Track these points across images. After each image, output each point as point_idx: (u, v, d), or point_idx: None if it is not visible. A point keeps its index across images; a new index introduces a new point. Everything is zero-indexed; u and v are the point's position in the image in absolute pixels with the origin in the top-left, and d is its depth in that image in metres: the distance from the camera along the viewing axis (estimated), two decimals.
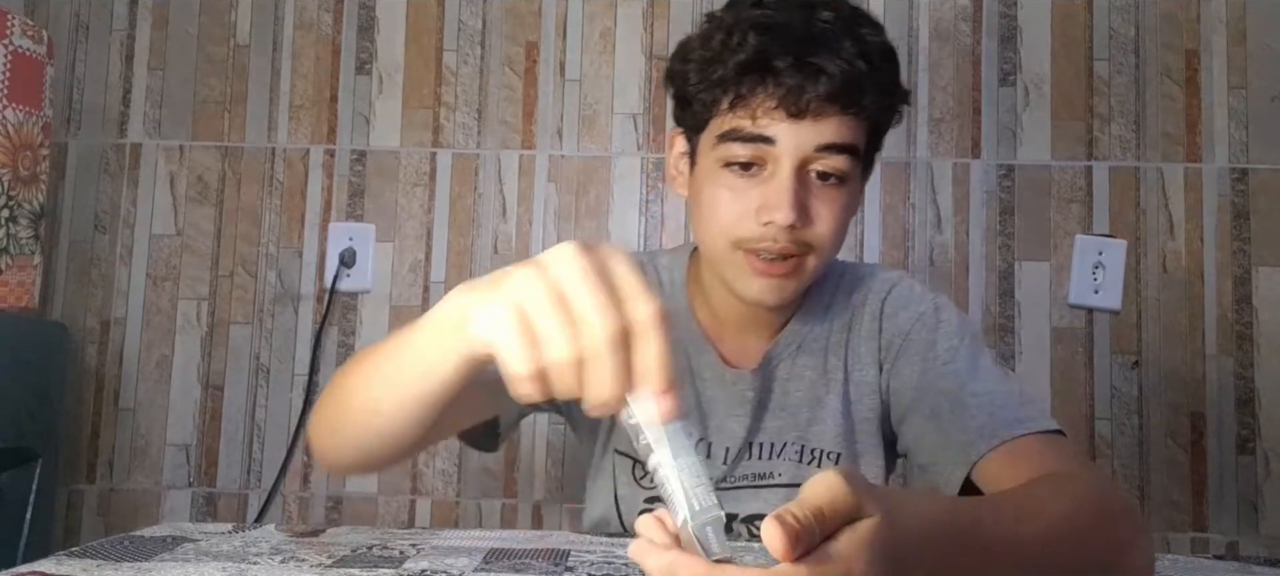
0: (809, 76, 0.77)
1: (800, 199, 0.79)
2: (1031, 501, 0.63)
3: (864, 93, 0.79)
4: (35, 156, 1.43)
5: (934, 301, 0.91)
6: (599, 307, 0.43)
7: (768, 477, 0.91)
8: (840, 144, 0.79)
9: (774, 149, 0.79)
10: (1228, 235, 1.62)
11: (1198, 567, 0.73)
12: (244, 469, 1.67)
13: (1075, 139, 1.66)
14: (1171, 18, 1.66)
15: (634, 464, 0.93)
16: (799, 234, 0.80)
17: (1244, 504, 1.59)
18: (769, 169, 0.80)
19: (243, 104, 1.72)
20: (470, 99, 1.71)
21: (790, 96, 0.77)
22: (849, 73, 0.77)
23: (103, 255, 1.70)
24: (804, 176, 0.80)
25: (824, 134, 0.79)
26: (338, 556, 0.65)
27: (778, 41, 0.78)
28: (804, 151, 0.79)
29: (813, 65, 0.77)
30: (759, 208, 0.80)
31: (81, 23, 1.74)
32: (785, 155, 0.79)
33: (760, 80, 0.78)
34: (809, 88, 0.77)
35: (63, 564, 0.60)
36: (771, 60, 0.77)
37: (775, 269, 0.81)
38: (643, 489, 0.93)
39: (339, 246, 1.68)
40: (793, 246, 0.80)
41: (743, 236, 0.81)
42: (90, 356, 1.69)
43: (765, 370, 0.92)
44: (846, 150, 0.80)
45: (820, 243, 0.82)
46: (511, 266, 0.48)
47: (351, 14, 1.73)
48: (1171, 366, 1.61)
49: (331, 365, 1.67)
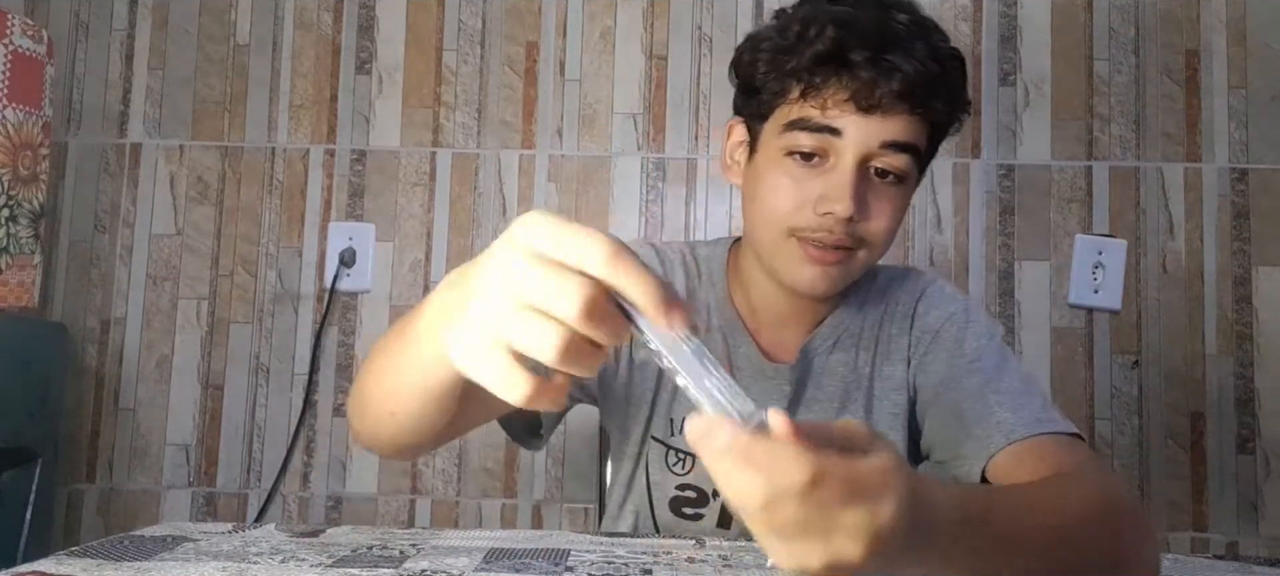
0: (883, 73, 0.78)
1: (860, 193, 0.81)
2: (1043, 496, 0.63)
3: (933, 94, 0.81)
4: (35, 156, 1.43)
5: (965, 304, 0.94)
6: (562, 288, 0.42)
7: None
8: (904, 143, 0.81)
9: (840, 141, 0.81)
10: (1228, 235, 1.62)
11: (1198, 567, 0.73)
12: (244, 468, 1.67)
13: (1075, 139, 1.66)
14: (1171, 18, 1.66)
15: (668, 450, 0.93)
16: (854, 228, 0.81)
17: (1244, 504, 1.59)
18: (831, 161, 0.82)
19: (243, 104, 1.72)
20: (470, 99, 1.70)
21: (863, 90, 0.79)
22: (922, 73, 0.79)
23: (103, 255, 1.70)
24: (865, 171, 0.82)
25: (890, 131, 0.80)
26: (338, 556, 0.65)
27: (855, 36, 0.79)
28: (869, 146, 0.81)
29: (888, 62, 0.78)
30: (819, 198, 0.81)
31: (81, 22, 1.74)
32: (850, 148, 0.80)
33: (835, 72, 0.80)
34: (882, 83, 0.79)
35: (63, 564, 0.60)
36: (848, 53, 0.79)
37: (828, 257, 0.83)
38: (674, 475, 0.94)
39: (339, 246, 1.68)
40: (847, 239, 0.82)
41: (799, 225, 0.82)
42: (90, 356, 1.69)
43: (802, 364, 0.93)
44: (909, 150, 0.82)
45: (874, 238, 0.83)
46: (476, 262, 0.46)
47: (351, 14, 1.73)
48: (1171, 366, 1.61)
49: (331, 365, 1.67)
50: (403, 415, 0.61)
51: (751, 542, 0.77)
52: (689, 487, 0.94)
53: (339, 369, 1.67)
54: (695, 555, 0.69)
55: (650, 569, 0.64)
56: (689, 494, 0.94)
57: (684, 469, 0.94)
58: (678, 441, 0.93)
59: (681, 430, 0.92)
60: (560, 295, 0.42)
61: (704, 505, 0.94)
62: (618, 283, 0.42)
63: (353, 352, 1.67)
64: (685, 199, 1.68)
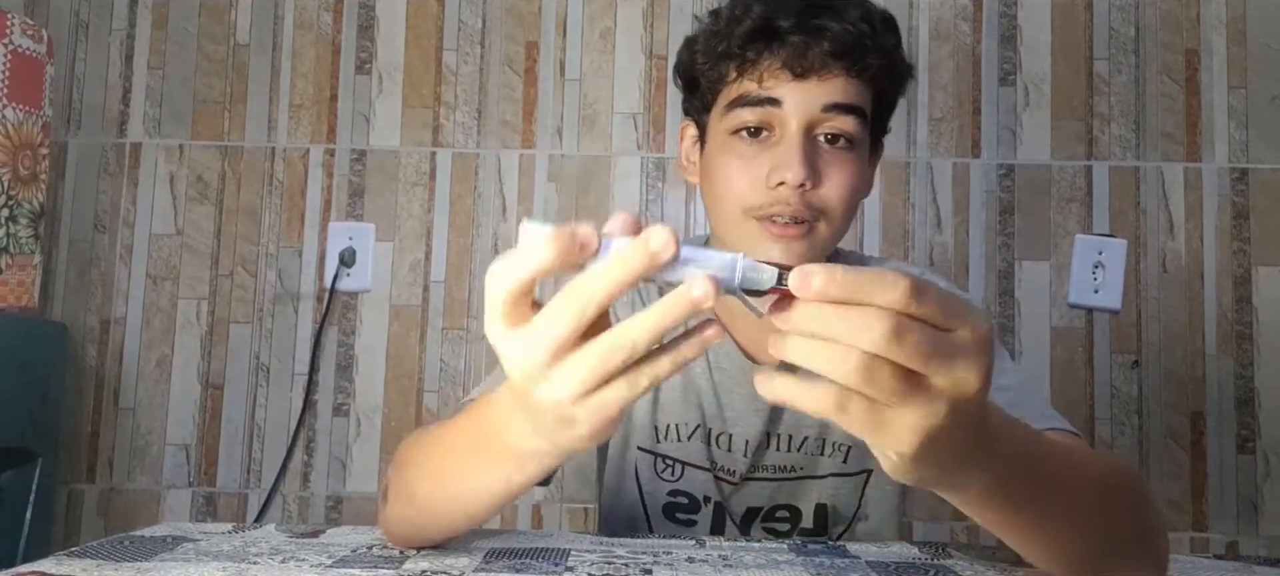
0: (812, 36, 0.79)
1: (810, 158, 0.80)
2: (1078, 452, 0.63)
3: (867, 53, 0.81)
4: (35, 156, 1.43)
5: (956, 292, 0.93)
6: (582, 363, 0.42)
7: (789, 471, 0.93)
8: (846, 104, 0.81)
9: (781, 111, 0.80)
10: (1228, 235, 1.62)
11: (1198, 567, 0.73)
12: (244, 468, 1.66)
13: (1075, 139, 1.66)
14: (1171, 18, 1.66)
15: (655, 459, 0.93)
16: (809, 197, 0.80)
17: (1244, 504, 1.59)
18: (777, 133, 0.81)
19: (243, 103, 1.72)
20: (470, 98, 1.70)
21: (795, 56, 0.79)
22: (851, 32, 0.79)
23: (103, 254, 1.70)
24: (813, 139, 0.81)
25: (829, 93, 0.80)
26: (338, 556, 0.65)
27: (781, 8, 0.80)
28: (811, 111, 0.80)
29: (816, 25, 0.79)
30: (770, 172, 0.80)
31: (81, 22, 1.74)
32: (792, 116, 0.80)
33: (766, 44, 0.80)
34: (813, 45, 0.79)
35: (63, 564, 0.60)
36: (775, 23, 0.79)
37: (789, 232, 0.81)
38: (664, 482, 0.94)
39: (339, 246, 1.68)
40: (804, 210, 0.81)
41: (754, 204, 0.81)
42: (90, 356, 1.69)
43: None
44: (853, 111, 0.81)
45: (831, 208, 0.82)
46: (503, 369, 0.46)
47: (351, 13, 1.73)
48: (1171, 366, 1.61)
49: (331, 365, 1.67)
50: (478, 517, 0.64)
51: (751, 543, 0.77)
52: (680, 494, 0.94)
53: (339, 369, 1.67)
54: (695, 555, 0.69)
55: (650, 569, 0.64)
56: (681, 500, 0.94)
57: (673, 476, 0.93)
58: (665, 448, 0.93)
59: (666, 436, 0.92)
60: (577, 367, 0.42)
61: (696, 512, 0.94)
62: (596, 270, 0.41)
63: (353, 352, 1.67)
64: (685, 199, 1.68)
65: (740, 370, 0.92)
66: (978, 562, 0.68)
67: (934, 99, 1.67)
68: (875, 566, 0.67)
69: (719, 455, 0.93)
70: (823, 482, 0.93)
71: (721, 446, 0.92)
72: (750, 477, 0.92)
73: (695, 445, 0.92)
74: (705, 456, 0.92)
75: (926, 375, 0.41)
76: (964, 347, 0.41)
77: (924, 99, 1.67)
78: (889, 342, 0.39)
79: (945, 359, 0.40)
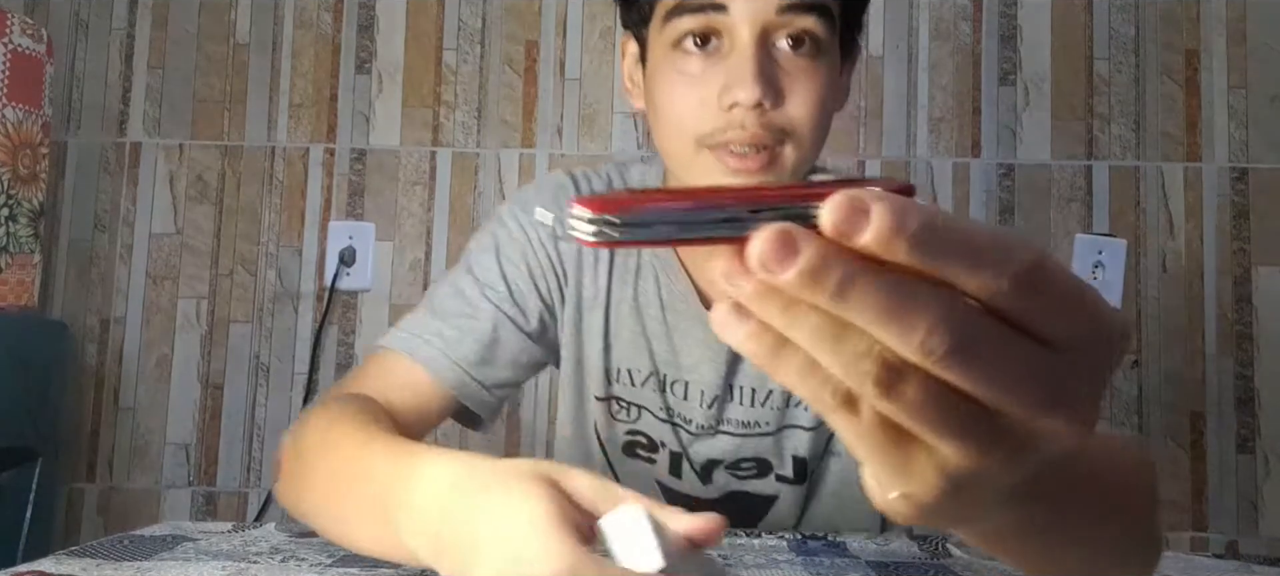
0: None
1: (766, 72, 0.67)
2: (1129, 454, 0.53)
3: None
4: (35, 155, 1.43)
5: None
6: None
7: (755, 426, 0.85)
8: (806, 1, 0.67)
9: (728, 18, 0.67)
10: (1228, 235, 1.62)
11: (1198, 567, 0.73)
12: (244, 468, 1.67)
13: (1075, 139, 1.66)
14: (1171, 17, 1.66)
15: (610, 402, 0.88)
16: (770, 117, 0.68)
17: (1244, 504, 1.59)
18: (727, 44, 0.68)
19: (242, 103, 1.72)
20: (470, 98, 1.70)
21: None
22: None
23: (102, 254, 1.70)
24: (768, 50, 0.68)
25: None
26: (338, 556, 0.65)
27: None
28: (764, 15, 0.67)
29: None
30: (721, 91, 0.68)
31: (81, 21, 1.74)
32: (742, 22, 0.67)
33: None
34: None
35: (63, 563, 0.60)
36: None
37: (749, 163, 0.69)
38: (621, 423, 0.88)
39: (339, 245, 1.68)
40: (765, 133, 0.68)
41: (706, 130, 0.69)
42: (90, 355, 1.69)
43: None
44: (814, 9, 0.68)
45: (798, 126, 0.69)
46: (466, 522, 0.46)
47: (351, 13, 1.73)
48: (1171, 366, 1.62)
49: (331, 364, 1.67)
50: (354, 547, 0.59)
51: (752, 540, 0.77)
52: (639, 434, 0.88)
53: (339, 368, 1.67)
54: None
55: None
56: (640, 439, 0.88)
57: (629, 417, 0.87)
58: (618, 390, 0.86)
59: (618, 378, 0.86)
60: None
61: (655, 452, 0.88)
62: None
63: (352, 351, 1.67)
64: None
65: (696, 315, 0.82)
66: (978, 561, 0.68)
67: (934, 99, 1.67)
68: (875, 566, 0.67)
69: (675, 403, 0.85)
70: (797, 436, 0.84)
71: (676, 393, 0.84)
72: (714, 430, 0.85)
73: (649, 392, 0.85)
74: (660, 404, 0.85)
75: (1009, 412, 0.25)
76: (1083, 367, 0.26)
77: (924, 99, 1.67)
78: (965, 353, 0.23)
79: (1052, 389, 0.25)
